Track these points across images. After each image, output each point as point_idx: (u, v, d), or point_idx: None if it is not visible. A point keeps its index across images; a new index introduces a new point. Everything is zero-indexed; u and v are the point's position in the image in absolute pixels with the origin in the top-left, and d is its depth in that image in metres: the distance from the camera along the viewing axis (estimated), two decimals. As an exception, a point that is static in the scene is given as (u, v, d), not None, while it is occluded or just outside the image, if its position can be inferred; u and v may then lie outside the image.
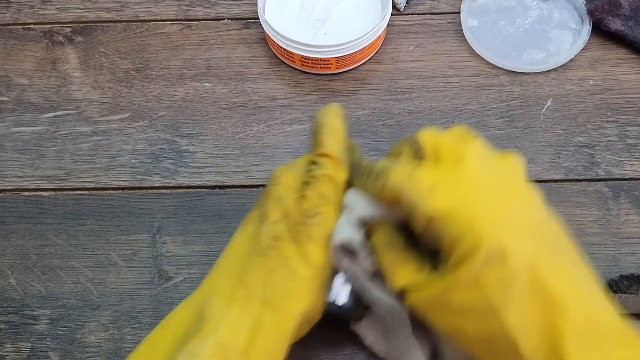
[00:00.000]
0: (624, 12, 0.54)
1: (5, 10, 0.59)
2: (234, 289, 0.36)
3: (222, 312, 0.35)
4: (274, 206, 0.38)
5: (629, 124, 0.52)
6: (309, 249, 0.36)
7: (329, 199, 0.38)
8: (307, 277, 0.36)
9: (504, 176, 0.35)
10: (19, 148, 0.52)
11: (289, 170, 0.39)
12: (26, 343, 0.45)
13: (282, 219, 0.37)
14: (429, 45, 0.56)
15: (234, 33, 0.57)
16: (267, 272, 0.36)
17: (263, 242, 0.37)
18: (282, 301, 0.36)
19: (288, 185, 0.38)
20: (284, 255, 0.36)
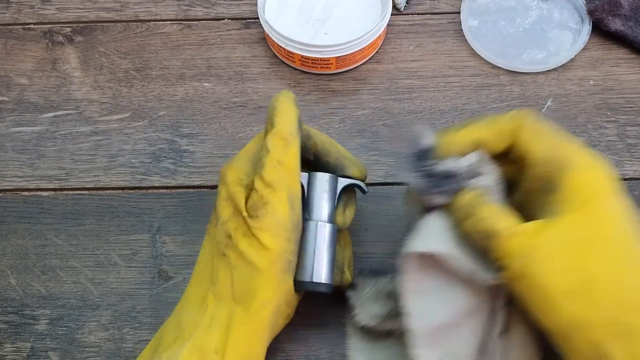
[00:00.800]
0: (624, 12, 0.54)
1: (5, 10, 0.59)
2: (206, 292, 0.38)
3: (197, 316, 0.37)
4: (223, 206, 0.38)
5: (629, 124, 0.52)
6: (262, 239, 0.37)
7: (277, 185, 0.37)
8: (265, 267, 0.37)
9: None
10: (19, 148, 0.52)
11: (233, 166, 0.39)
12: (26, 343, 0.45)
13: (232, 217, 0.38)
14: (429, 45, 0.56)
15: (234, 33, 0.57)
16: (229, 270, 0.37)
17: (220, 243, 0.38)
18: (247, 296, 0.37)
19: (233, 181, 0.38)
20: (240, 251, 0.37)
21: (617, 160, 0.50)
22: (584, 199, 0.33)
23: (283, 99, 0.39)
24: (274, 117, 0.38)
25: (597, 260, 0.32)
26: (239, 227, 0.37)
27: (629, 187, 0.49)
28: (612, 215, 0.33)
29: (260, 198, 0.37)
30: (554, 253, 0.32)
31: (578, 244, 0.32)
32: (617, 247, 0.32)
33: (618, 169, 0.50)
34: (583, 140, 0.51)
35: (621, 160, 0.50)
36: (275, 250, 0.37)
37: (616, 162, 0.50)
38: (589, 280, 0.32)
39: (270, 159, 0.37)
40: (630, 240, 0.32)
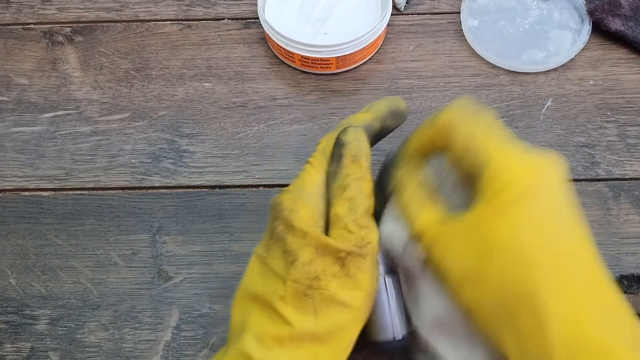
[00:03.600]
0: (624, 12, 0.54)
1: (5, 10, 0.59)
2: (279, 330, 0.35)
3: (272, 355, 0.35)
4: (301, 244, 0.35)
5: (629, 124, 0.52)
6: (360, 279, 0.36)
7: (372, 227, 0.37)
8: (358, 307, 0.36)
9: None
10: (19, 148, 0.52)
11: (303, 202, 0.37)
12: (26, 343, 0.45)
13: (316, 258, 0.35)
14: (429, 45, 0.56)
15: (234, 33, 0.57)
16: (312, 311, 0.35)
17: (300, 283, 0.35)
18: (334, 336, 0.35)
19: (309, 220, 0.36)
20: (329, 294, 0.35)
21: (617, 160, 0.50)
22: (489, 196, 0.33)
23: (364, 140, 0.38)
24: (361, 158, 0.37)
25: (490, 255, 0.33)
26: (328, 268, 0.35)
27: (629, 187, 0.49)
28: (514, 215, 0.33)
29: (360, 238, 0.36)
30: (453, 243, 0.34)
31: (476, 239, 0.33)
32: (508, 245, 0.33)
33: (618, 168, 0.50)
34: (583, 140, 0.51)
35: (621, 160, 0.50)
36: (369, 291, 0.36)
37: (616, 162, 0.50)
38: (480, 269, 0.33)
39: (363, 204, 0.37)
40: (526, 238, 0.33)
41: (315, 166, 0.38)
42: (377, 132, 0.40)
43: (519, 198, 0.33)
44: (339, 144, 0.38)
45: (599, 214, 0.48)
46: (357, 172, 0.37)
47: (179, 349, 0.45)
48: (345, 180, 0.37)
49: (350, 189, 0.36)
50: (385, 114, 0.40)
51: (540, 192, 0.33)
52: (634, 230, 0.48)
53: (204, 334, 0.45)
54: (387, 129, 0.41)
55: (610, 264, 0.47)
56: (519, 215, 0.33)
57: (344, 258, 0.35)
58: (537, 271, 0.32)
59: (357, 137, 0.38)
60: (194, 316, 0.46)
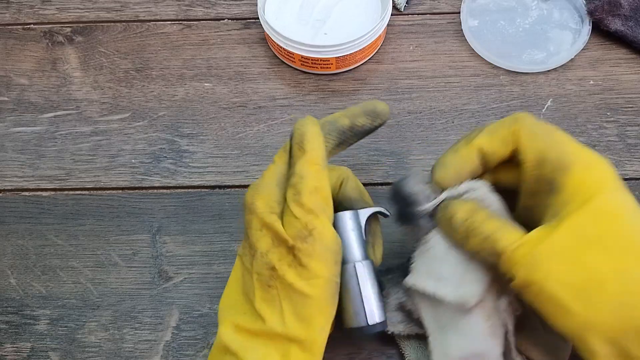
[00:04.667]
0: (624, 12, 0.54)
1: (5, 11, 0.59)
2: (253, 325, 0.36)
3: (250, 352, 0.35)
4: (259, 236, 0.37)
5: (629, 124, 0.52)
6: (313, 266, 0.35)
7: (319, 210, 0.36)
8: (318, 294, 0.36)
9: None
10: (19, 148, 0.52)
11: (261, 193, 0.37)
12: (26, 343, 0.45)
13: (272, 248, 0.36)
14: (429, 45, 0.56)
15: (234, 33, 0.57)
16: (277, 303, 0.36)
17: (262, 275, 0.36)
18: (302, 326, 0.35)
19: (264, 209, 0.37)
20: (288, 283, 0.35)
21: (617, 160, 0.50)
22: (584, 198, 0.33)
23: (310, 125, 0.38)
24: (304, 142, 0.37)
25: (602, 258, 0.31)
26: (283, 257, 0.36)
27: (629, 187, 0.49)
28: (614, 211, 0.33)
29: (304, 225, 0.36)
30: (557, 257, 0.32)
31: (581, 244, 0.32)
32: (621, 241, 0.32)
33: (618, 169, 0.50)
34: (583, 140, 0.51)
35: (621, 160, 0.50)
36: (326, 277, 0.36)
37: (616, 162, 0.50)
38: (595, 279, 0.31)
39: (306, 185, 0.36)
40: (632, 233, 0.32)
41: (275, 161, 0.39)
42: (345, 128, 0.40)
43: (613, 197, 0.33)
44: (290, 137, 0.39)
45: (599, 214, 0.48)
46: (301, 156, 0.37)
47: (179, 349, 0.45)
48: (293, 168, 0.37)
49: (295, 174, 0.37)
50: (356, 112, 0.40)
51: (624, 191, 0.34)
52: (634, 230, 0.48)
53: (204, 334, 0.45)
54: (360, 126, 0.40)
55: (610, 264, 0.47)
56: (620, 212, 0.32)
57: (293, 247, 0.36)
58: None
59: (302, 124, 0.38)
60: (194, 316, 0.46)
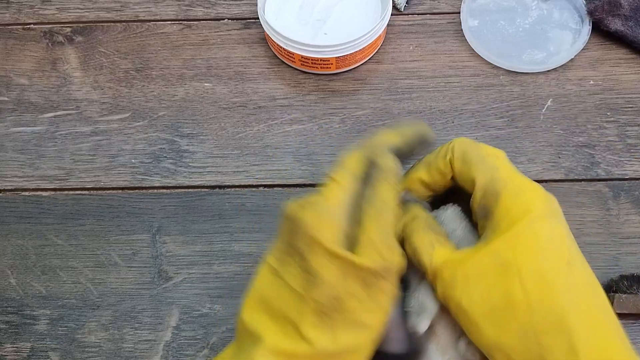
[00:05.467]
0: (624, 12, 0.54)
1: (5, 11, 0.59)
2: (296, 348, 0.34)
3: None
4: (327, 266, 0.34)
5: (629, 124, 0.52)
6: (382, 302, 0.35)
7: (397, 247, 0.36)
8: (375, 328, 0.35)
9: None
10: (19, 148, 0.52)
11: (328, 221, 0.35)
12: (26, 343, 0.45)
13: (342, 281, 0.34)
14: (429, 45, 0.56)
15: (234, 33, 0.57)
16: (330, 330, 0.34)
17: (321, 305, 0.34)
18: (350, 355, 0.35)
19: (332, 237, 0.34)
20: (349, 311, 0.34)
21: (617, 160, 0.50)
22: (507, 224, 0.33)
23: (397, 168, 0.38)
24: (395, 184, 0.37)
25: (515, 284, 0.32)
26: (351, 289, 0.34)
27: (629, 187, 0.49)
28: (532, 238, 0.33)
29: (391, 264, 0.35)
30: (474, 279, 0.34)
31: (498, 269, 0.33)
32: (534, 269, 0.32)
33: (618, 168, 0.50)
34: (583, 140, 0.51)
35: (621, 160, 0.50)
36: (387, 311, 0.36)
37: (616, 162, 0.50)
38: (506, 304, 0.33)
39: (396, 226, 0.36)
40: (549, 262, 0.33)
41: (341, 184, 0.36)
42: (401, 156, 0.39)
43: (536, 224, 0.33)
44: (375, 166, 0.37)
45: (599, 214, 0.48)
46: (393, 198, 0.36)
47: (179, 349, 0.45)
48: (382, 205, 0.36)
49: (386, 214, 0.36)
50: (414, 140, 0.39)
51: (553, 219, 0.34)
52: (633, 230, 0.48)
53: (204, 334, 0.45)
54: (412, 154, 0.40)
55: (610, 264, 0.47)
56: (539, 241, 0.33)
57: (368, 280, 0.34)
58: (562, 297, 0.32)
59: (393, 162, 0.37)
60: (194, 316, 0.46)
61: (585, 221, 0.48)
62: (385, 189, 0.36)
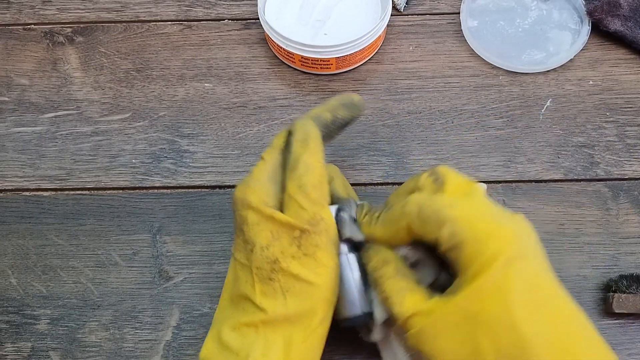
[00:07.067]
0: (624, 12, 0.54)
1: (6, 11, 0.59)
2: (253, 317, 0.36)
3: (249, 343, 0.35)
4: (256, 230, 0.37)
5: (628, 124, 0.52)
6: (319, 256, 0.36)
7: (324, 202, 0.37)
8: (323, 284, 0.36)
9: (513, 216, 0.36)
10: (20, 148, 0.52)
11: (254, 188, 0.37)
12: (27, 343, 0.45)
13: (273, 241, 0.36)
14: (428, 46, 0.56)
15: (234, 33, 0.57)
16: (279, 295, 0.36)
17: (263, 269, 0.36)
18: (305, 315, 0.36)
19: (260, 203, 0.37)
20: (293, 274, 0.36)
21: (617, 160, 0.50)
22: (472, 275, 0.33)
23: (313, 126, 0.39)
24: (309, 140, 0.38)
25: (483, 335, 0.32)
26: (285, 249, 0.36)
27: (629, 187, 0.49)
28: (498, 288, 0.32)
29: (312, 215, 0.36)
30: (444, 332, 0.34)
31: (466, 321, 0.33)
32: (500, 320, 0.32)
33: (617, 169, 0.50)
34: (583, 140, 0.51)
35: (620, 160, 0.50)
36: (331, 266, 0.37)
37: (615, 162, 0.50)
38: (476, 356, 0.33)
39: (313, 178, 0.37)
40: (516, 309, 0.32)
41: (265, 158, 0.39)
42: (329, 122, 0.41)
43: (501, 271, 0.32)
44: (289, 134, 0.39)
45: (598, 214, 0.48)
46: (304, 153, 0.38)
47: (179, 349, 0.45)
48: (294, 162, 0.38)
49: (298, 168, 0.37)
50: (335, 105, 0.41)
51: (521, 261, 0.33)
52: (633, 230, 0.48)
53: (205, 334, 0.45)
54: (341, 119, 0.41)
55: (610, 264, 0.47)
56: (506, 288, 0.32)
57: (300, 237, 0.36)
58: (534, 343, 0.32)
59: (304, 124, 0.39)
60: (194, 316, 0.46)
61: (585, 221, 0.48)
62: (296, 148, 0.38)
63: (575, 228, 0.48)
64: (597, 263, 0.47)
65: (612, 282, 0.45)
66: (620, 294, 0.43)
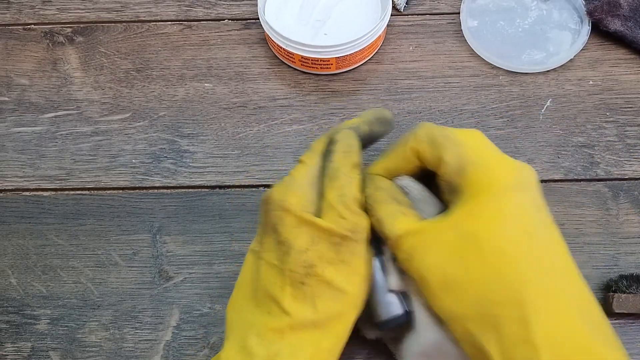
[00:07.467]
0: (623, 12, 0.54)
1: (6, 11, 0.59)
2: (278, 322, 0.35)
3: (275, 351, 0.35)
4: (296, 234, 0.36)
5: (628, 124, 0.52)
6: (355, 264, 0.36)
7: (361, 212, 0.38)
8: (355, 292, 0.36)
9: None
10: (20, 148, 0.52)
11: (295, 192, 0.37)
12: (27, 343, 0.45)
13: (312, 245, 0.36)
14: (428, 46, 0.56)
15: (234, 33, 0.57)
16: (309, 300, 0.36)
17: (296, 272, 0.36)
18: (334, 322, 0.36)
19: (299, 208, 0.37)
20: (326, 280, 0.36)
21: (617, 160, 0.50)
22: (470, 196, 0.34)
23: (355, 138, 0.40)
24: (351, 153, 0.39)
25: (472, 257, 0.33)
26: (324, 254, 0.36)
27: (629, 187, 0.49)
28: (494, 211, 0.33)
29: (353, 225, 0.36)
30: (433, 249, 0.34)
31: (457, 241, 0.34)
32: (492, 244, 0.33)
33: (617, 169, 0.50)
34: (583, 140, 0.51)
35: (620, 160, 0.50)
36: (364, 275, 0.37)
37: (615, 162, 0.50)
38: (461, 277, 0.33)
39: (354, 190, 0.37)
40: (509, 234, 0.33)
41: (305, 162, 0.39)
42: (366, 135, 0.42)
43: (499, 196, 0.33)
44: (332, 142, 0.40)
45: (598, 214, 0.48)
46: (347, 164, 0.38)
47: (179, 349, 0.45)
48: (336, 172, 0.38)
49: (339, 179, 0.38)
50: (372, 119, 0.42)
51: (519, 191, 0.34)
52: (633, 230, 0.48)
53: (205, 334, 0.45)
54: (375, 133, 0.42)
55: (610, 264, 0.47)
56: (500, 212, 0.33)
57: (339, 244, 0.36)
58: (519, 269, 0.32)
59: (348, 135, 0.40)
60: (194, 316, 0.46)
61: (585, 221, 0.48)
62: (339, 158, 0.38)
63: (575, 228, 0.48)
64: (597, 263, 0.47)
65: (612, 282, 0.45)
66: (620, 294, 0.44)
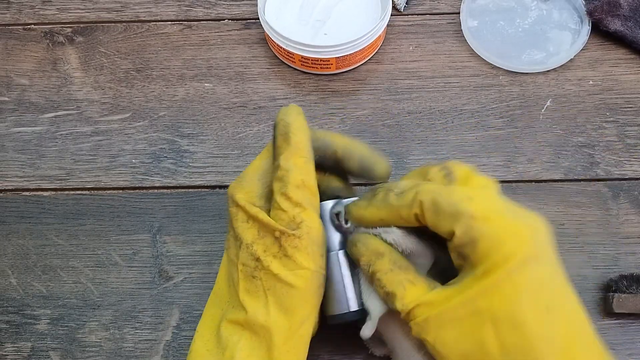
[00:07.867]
0: (624, 12, 0.54)
1: (6, 11, 0.59)
2: (238, 315, 0.36)
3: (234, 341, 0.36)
4: (244, 228, 0.37)
5: (628, 124, 0.52)
6: (299, 258, 0.36)
7: (306, 204, 0.36)
8: (303, 286, 0.36)
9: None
10: (20, 148, 0.52)
11: (243, 187, 0.38)
12: (27, 343, 0.45)
13: (258, 239, 0.36)
14: (428, 46, 0.56)
15: (234, 33, 0.57)
16: (261, 294, 0.36)
17: (248, 266, 0.36)
18: (285, 318, 0.36)
19: (247, 202, 0.37)
20: (273, 273, 0.36)
21: (617, 160, 0.50)
22: (484, 271, 0.33)
23: (295, 115, 0.38)
24: (289, 133, 0.37)
25: (489, 332, 0.32)
26: (268, 248, 0.36)
27: (629, 187, 0.49)
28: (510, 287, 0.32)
29: (292, 218, 0.36)
30: (449, 325, 0.33)
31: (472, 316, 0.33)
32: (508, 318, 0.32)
33: (617, 169, 0.50)
34: (583, 140, 0.51)
35: (620, 160, 0.50)
36: (312, 269, 0.36)
37: (615, 162, 0.50)
38: (478, 352, 0.33)
39: (293, 178, 0.36)
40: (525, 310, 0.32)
41: (261, 154, 0.39)
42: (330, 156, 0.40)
43: (515, 272, 0.32)
44: (274, 126, 0.38)
45: (599, 214, 0.48)
46: (286, 149, 0.37)
47: (179, 349, 0.45)
48: (277, 159, 0.37)
49: (280, 167, 0.37)
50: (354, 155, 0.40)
51: (535, 263, 0.33)
52: (633, 230, 0.48)
53: (205, 334, 0.45)
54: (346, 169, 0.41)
55: (610, 264, 0.47)
56: (518, 288, 0.32)
57: (280, 238, 0.36)
58: (538, 346, 0.31)
59: (286, 113, 0.38)
60: (194, 316, 0.46)
61: (585, 221, 0.48)
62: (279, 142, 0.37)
63: (575, 228, 0.48)
64: (597, 263, 0.47)
65: (612, 282, 0.45)
66: (620, 294, 0.43)
